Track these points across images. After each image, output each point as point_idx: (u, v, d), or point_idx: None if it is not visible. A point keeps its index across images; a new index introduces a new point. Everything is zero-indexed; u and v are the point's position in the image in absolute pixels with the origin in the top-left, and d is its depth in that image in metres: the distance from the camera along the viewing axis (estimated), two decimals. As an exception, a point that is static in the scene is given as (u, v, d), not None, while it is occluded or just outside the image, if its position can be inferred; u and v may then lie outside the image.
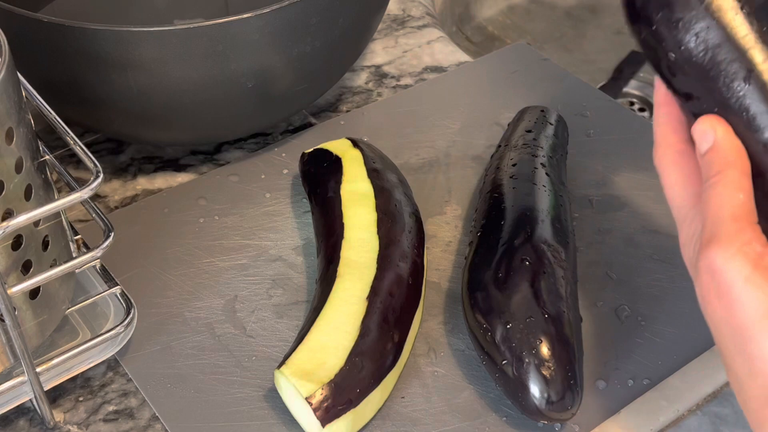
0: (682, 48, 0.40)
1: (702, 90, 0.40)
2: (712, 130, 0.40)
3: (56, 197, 0.49)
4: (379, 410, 0.50)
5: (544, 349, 0.47)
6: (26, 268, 0.46)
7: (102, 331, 0.51)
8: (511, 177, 0.57)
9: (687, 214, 0.42)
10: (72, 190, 0.48)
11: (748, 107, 0.39)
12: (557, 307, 0.49)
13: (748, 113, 0.39)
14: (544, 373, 0.47)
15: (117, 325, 0.51)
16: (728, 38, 0.39)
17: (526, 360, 0.47)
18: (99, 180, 0.45)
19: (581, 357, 0.49)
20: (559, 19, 0.95)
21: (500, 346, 0.48)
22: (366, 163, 0.59)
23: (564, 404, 0.47)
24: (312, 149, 0.62)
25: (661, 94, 0.44)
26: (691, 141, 0.42)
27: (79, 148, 0.47)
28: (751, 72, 0.38)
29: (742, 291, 0.36)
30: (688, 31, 0.39)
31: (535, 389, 0.47)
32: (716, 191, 0.38)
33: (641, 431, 0.50)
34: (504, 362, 0.48)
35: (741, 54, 0.39)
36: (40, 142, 0.49)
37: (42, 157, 0.48)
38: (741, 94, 0.39)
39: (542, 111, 0.66)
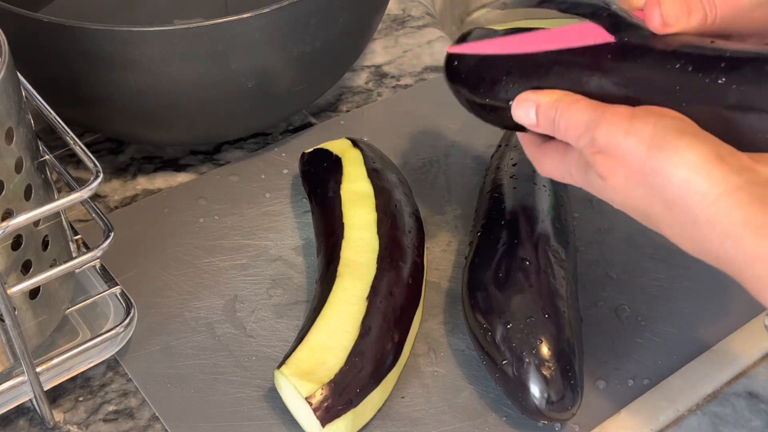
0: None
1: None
2: (528, 101, 0.46)
3: (56, 197, 0.49)
4: (379, 410, 0.50)
5: (544, 349, 0.47)
6: (26, 268, 0.46)
7: (102, 331, 0.51)
8: (511, 177, 0.57)
9: (564, 167, 0.47)
10: (72, 190, 0.48)
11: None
12: (557, 307, 0.49)
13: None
14: (544, 373, 0.47)
15: (117, 325, 0.51)
16: None
17: (527, 360, 0.47)
18: (99, 180, 0.45)
19: (581, 357, 0.49)
20: (559, 18, 0.95)
21: (500, 346, 0.48)
22: (366, 163, 0.59)
23: (564, 404, 0.47)
24: (312, 149, 0.62)
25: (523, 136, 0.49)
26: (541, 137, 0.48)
27: (78, 147, 0.47)
28: None
29: (625, 144, 0.41)
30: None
31: (535, 389, 0.47)
32: (566, 117, 0.44)
33: (641, 431, 0.50)
34: (504, 362, 0.48)
35: None
36: (39, 142, 0.49)
37: (42, 157, 0.48)
38: None
39: (542, 111, 0.65)
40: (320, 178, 0.59)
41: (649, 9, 0.44)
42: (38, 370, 0.47)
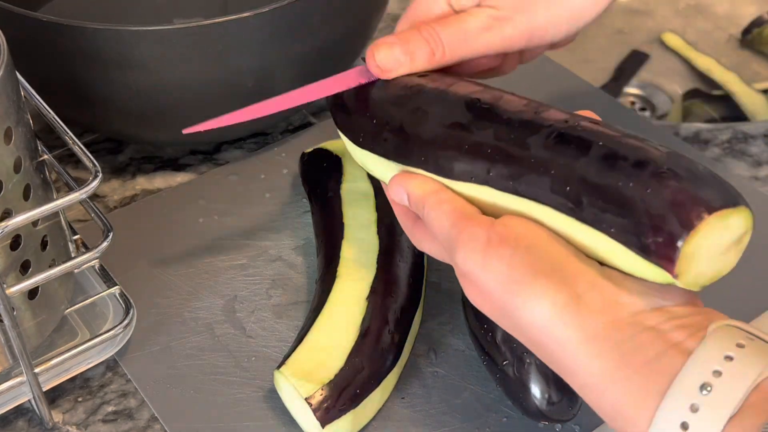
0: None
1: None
2: (400, 186, 0.45)
3: (55, 197, 0.49)
4: (379, 411, 0.50)
5: (545, 350, 0.47)
6: (25, 268, 0.46)
7: (101, 332, 0.50)
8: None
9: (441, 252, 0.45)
10: (71, 189, 0.48)
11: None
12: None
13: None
14: (545, 373, 0.46)
15: (116, 326, 0.51)
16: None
17: (527, 360, 0.47)
18: (98, 180, 0.45)
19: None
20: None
21: (501, 346, 0.48)
22: (366, 163, 0.58)
23: (565, 405, 0.47)
24: (312, 149, 0.62)
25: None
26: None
27: (78, 147, 0.47)
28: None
29: (483, 278, 0.39)
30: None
31: (536, 390, 0.47)
32: (431, 218, 0.43)
33: None
34: (505, 363, 0.48)
35: None
36: (38, 142, 0.49)
37: (41, 156, 0.48)
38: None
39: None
40: (320, 178, 0.59)
41: (367, 59, 0.46)
42: (37, 370, 0.47)
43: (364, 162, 0.48)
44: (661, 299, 0.38)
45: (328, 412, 0.46)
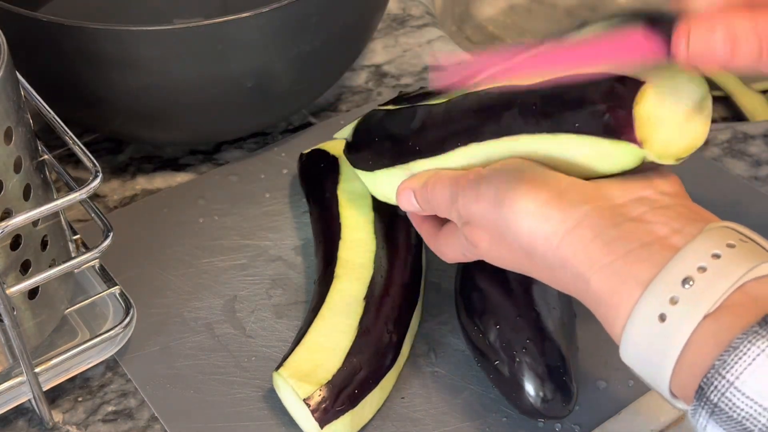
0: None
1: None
2: (406, 189, 0.48)
3: (55, 197, 0.49)
4: (379, 411, 0.50)
5: (535, 348, 0.47)
6: (25, 268, 0.46)
7: (101, 332, 0.50)
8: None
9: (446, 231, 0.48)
10: (71, 189, 0.48)
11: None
12: (548, 303, 0.49)
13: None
14: (537, 371, 0.47)
15: (116, 326, 0.50)
16: None
17: (518, 359, 0.47)
18: (98, 180, 0.45)
19: (576, 353, 0.49)
20: (559, 18, 0.95)
21: (493, 346, 0.48)
22: (365, 163, 0.58)
23: (559, 401, 0.47)
24: (309, 150, 0.62)
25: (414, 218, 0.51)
26: (437, 221, 0.49)
27: (78, 147, 0.47)
28: None
29: (479, 210, 0.42)
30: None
31: (529, 387, 0.47)
32: (435, 194, 0.46)
33: (641, 431, 0.50)
34: (497, 362, 0.48)
35: None
36: (38, 142, 0.49)
37: (41, 156, 0.48)
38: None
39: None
40: (318, 178, 0.59)
41: (677, 35, 0.36)
42: (37, 370, 0.47)
43: (380, 188, 0.52)
44: (643, 190, 0.39)
45: (326, 412, 0.46)
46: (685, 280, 0.34)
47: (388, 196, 0.52)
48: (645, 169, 0.40)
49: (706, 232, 0.35)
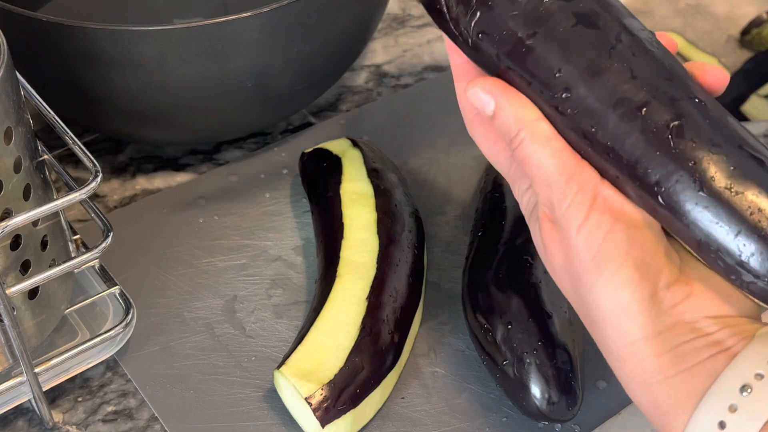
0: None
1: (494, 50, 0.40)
2: (487, 94, 0.40)
3: (55, 197, 0.49)
4: (379, 411, 0.50)
5: (545, 350, 0.47)
6: (25, 268, 0.46)
7: (101, 332, 0.50)
8: (511, 177, 0.57)
9: (510, 173, 0.43)
10: (71, 189, 0.48)
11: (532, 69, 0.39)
12: (558, 307, 0.49)
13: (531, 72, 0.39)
14: (545, 373, 0.47)
15: (116, 326, 0.50)
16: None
17: (527, 360, 0.47)
18: (98, 180, 0.45)
19: (582, 357, 0.49)
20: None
21: (501, 346, 0.48)
22: (366, 163, 0.59)
23: (565, 405, 0.47)
24: (311, 149, 0.62)
25: (457, 65, 0.43)
26: None
27: (77, 147, 0.47)
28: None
29: (575, 239, 0.38)
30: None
31: (536, 390, 0.47)
32: (527, 152, 0.39)
33: (641, 431, 0.50)
34: (505, 363, 0.48)
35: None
36: (38, 142, 0.49)
37: (41, 156, 0.48)
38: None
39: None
40: (320, 178, 0.59)
41: None
42: (37, 370, 0.47)
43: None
44: (729, 308, 0.38)
45: (328, 411, 0.46)
46: (743, 388, 0.34)
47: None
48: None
49: (760, 337, 0.36)
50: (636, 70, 0.38)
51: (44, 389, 0.48)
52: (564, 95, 0.38)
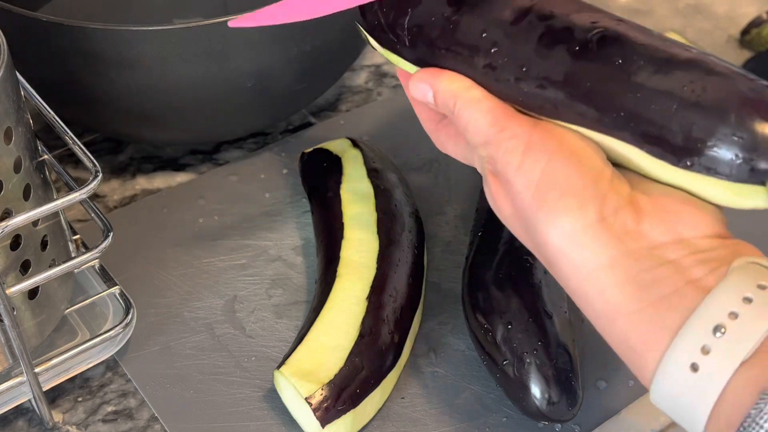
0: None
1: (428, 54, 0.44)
2: (423, 83, 0.42)
3: (55, 197, 0.49)
4: (379, 411, 0.50)
5: (545, 350, 0.47)
6: (25, 268, 0.46)
7: (101, 332, 0.50)
8: (511, 177, 0.57)
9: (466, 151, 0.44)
10: (71, 189, 0.48)
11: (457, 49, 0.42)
12: (559, 307, 0.49)
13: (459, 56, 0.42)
14: (545, 373, 0.47)
15: (116, 326, 0.50)
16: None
17: (527, 360, 0.47)
18: (98, 180, 0.45)
19: (582, 357, 0.49)
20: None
21: (501, 346, 0.48)
22: (366, 163, 0.59)
23: (565, 405, 0.47)
24: (312, 149, 0.62)
25: (405, 78, 0.46)
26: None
27: (77, 147, 0.47)
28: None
29: (515, 180, 0.38)
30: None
31: (536, 390, 0.47)
32: (464, 119, 0.41)
33: (641, 431, 0.50)
34: (505, 362, 0.48)
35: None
36: (38, 142, 0.49)
37: (41, 156, 0.48)
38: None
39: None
40: (320, 177, 0.59)
41: None
42: (37, 370, 0.47)
43: (388, 56, 0.47)
44: (687, 229, 0.36)
45: (328, 411, 0.46)
46: (717, 328, 0.33)
47: (393, 60, 0.46)
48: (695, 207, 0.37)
49: (734, 272, 0.34)
50: (554, 8, 0.40)
51: (44, 389, 0.48)
52: (493, 50, 0.40)
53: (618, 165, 0.39)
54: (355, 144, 0.61)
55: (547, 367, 0.47)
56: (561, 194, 0.37)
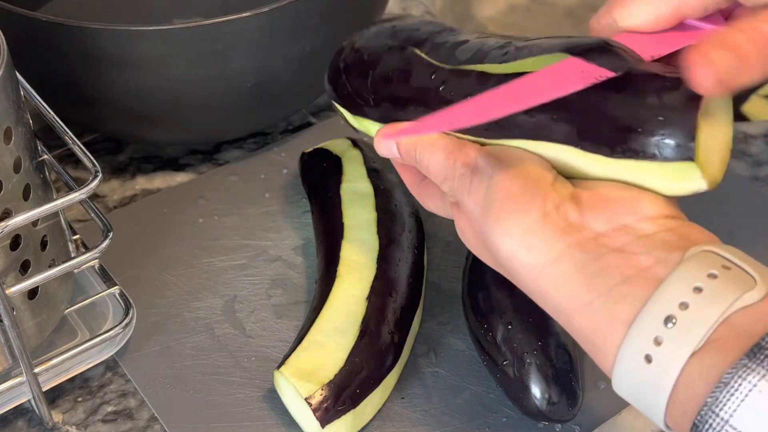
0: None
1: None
2: (388, 138, 0.45)
3: (55, 197, 0.49)
4: (379, 411, 0.50)
5: (545, 350, 0.47)
6: (24, 268, 0.46)
7: (101, 332, 0.50)
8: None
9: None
10: (71, 189, 0.48)
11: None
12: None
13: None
14: (545, 373, 0.47)
15: (116, 326, 0.50)
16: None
17: (527, 361, 0.47)
18: (98, 180, 0.45)
19: (582, 358, 0.49)
20: (560, 18, 0.95)
21: (501, 346, 0.48)
22: (366, 163, 0.59)
23: (565, 405, 0.47)
24: (312, 149, 0.62)
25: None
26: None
27: (77, 147, 0.47)
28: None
29: (468, 203, 0.40)
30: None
31: (536, 390, 0.47)
32: (424, 160, 0.43)
33: (641, 431, 0.50)
34: (505, 363, 0.48)
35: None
36: (38, 142, 0.49)
37: (40, 156, 0.48)
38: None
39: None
40: (320, 177, 0.59)
41: (697, 66, 0.35)
42: (37, 370, 0.47)
43: (362, 126, 0.50)
44: (628, 215, 0.37)
45: (327, 412, 0.46)
46: (668, 319, 0.33)
47: (369, 130, 0.49)
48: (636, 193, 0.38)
49: (686, 261, 0.34)
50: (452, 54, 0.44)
51: (44, 389, 0.48)
52: (441, 87, 0.44)
53: (563, 174, 0.40)
54: (355, 144, 0.61)
55: (547, 367, 0.47)
56: (503, 201, 0.38)
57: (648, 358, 0.33)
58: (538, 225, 0.37)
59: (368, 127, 0.49)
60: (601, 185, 0.39)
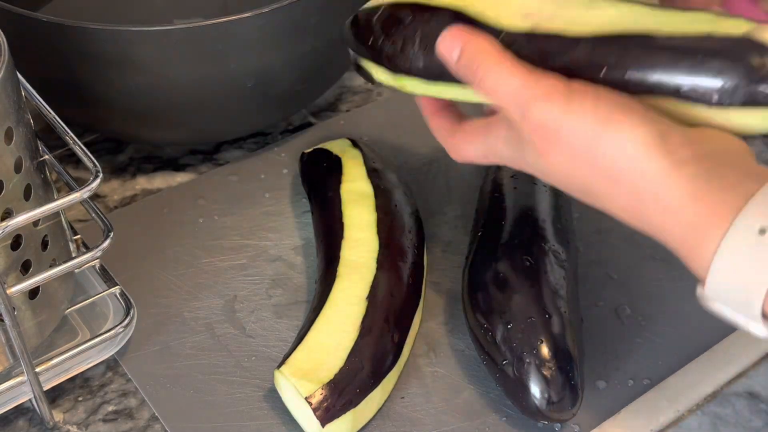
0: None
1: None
2: (456, 39, 0.43)
3: (55, 197, 0.49)
4: (379, 410, 0.50)
5: (545, 350, 0.47)
6: (25, 268, 0.46)
7: (101, 331, 0.50)
8: (511, 177, 0.57)
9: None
10: (71, 189, 0.48)
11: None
12: (558, 307, 0.49)
13: None
14: (545, 373, 0.47)
15: (116, 325, 0.51)
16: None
17: (527, 360, 0.47)
18: (98, 180, 0.45)
19: (582, 357, 0.49)
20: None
21: (501, 346, 0.48)
22: (366, 163, 0.59)
23: (564, 405, 0.47)
24: (312, 149, 0.62)
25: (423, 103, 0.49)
26: (455, 117, 0.47)
27: (78, 147, 0.47)
28: None
29: (566, 123, 0.39)
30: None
31: (535, 389, 0.47)
32: (490, 79, 0.41)
33: (641, 431, 0.50)
34: (504, 362, 0.48)
35: None
36: (39, 142, 0.49)
37: (41, 156, 0.48)
38: None
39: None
40: (320, 178, 0.59)
41: None
42: (38, 370, 0.47)
43: (399, 83, 0.48)
44: (735, 145, 0.39)
45: (328, 411, 0.46)
46: None
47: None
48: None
49: None
50: None
51: (45, 389, 0.48)
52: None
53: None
54: (355, 144, 0.61)
55: (547, 366, 0.47)
56: (624, 114, 0.38)
57: (762, 231, 0.35)
58: (665, 134, 0.38)
59: (407, 84, 0.47)
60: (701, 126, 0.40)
